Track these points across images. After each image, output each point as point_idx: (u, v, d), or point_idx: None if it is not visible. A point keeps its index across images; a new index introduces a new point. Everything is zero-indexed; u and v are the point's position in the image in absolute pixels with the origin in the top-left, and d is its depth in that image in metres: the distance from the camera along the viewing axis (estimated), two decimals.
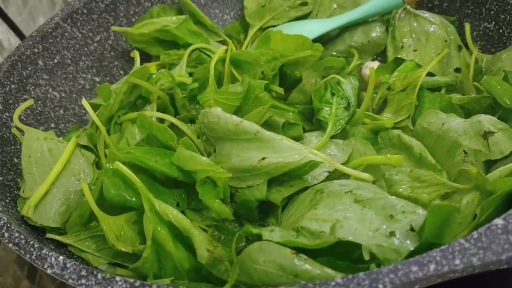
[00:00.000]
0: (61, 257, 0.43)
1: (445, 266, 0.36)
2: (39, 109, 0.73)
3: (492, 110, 0.61)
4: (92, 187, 0.58)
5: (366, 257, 0.42)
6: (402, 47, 0.74)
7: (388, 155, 0.53)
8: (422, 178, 0.56)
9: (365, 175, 0.52)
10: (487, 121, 0.54)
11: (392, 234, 0.42)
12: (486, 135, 0.54)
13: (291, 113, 0.69)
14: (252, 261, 0.42)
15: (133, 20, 0.86)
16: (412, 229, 0.42)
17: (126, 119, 0.64)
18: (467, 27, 0.74)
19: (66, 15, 0.77)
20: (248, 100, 0.64)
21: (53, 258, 0.43)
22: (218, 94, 0.64)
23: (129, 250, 0.51)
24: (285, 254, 0.41)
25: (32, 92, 0.72)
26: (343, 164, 0.57)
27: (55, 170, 0.57)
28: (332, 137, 0.63)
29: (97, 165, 0.63)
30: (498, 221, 0.38)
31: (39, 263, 0.43)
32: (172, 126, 0.64)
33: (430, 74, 0.69)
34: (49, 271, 0.42)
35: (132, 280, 0.39)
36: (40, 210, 0.55)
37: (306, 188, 0.55)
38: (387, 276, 0.36)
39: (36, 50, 0.73)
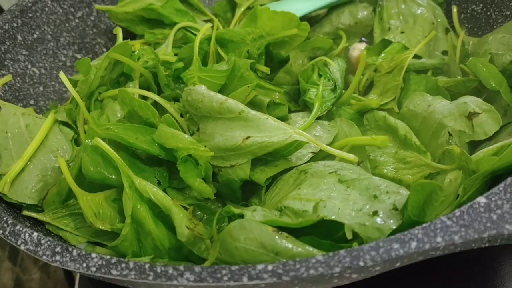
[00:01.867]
0: (35, 233, 0.42)
1: (426, 243, 0.36)
2: (18, 85, 0.71)
3: (478, 93, 0.60)
4: (71, 164, 0.56)
5: (349, 236, 0.41)
6: (389, 29, 0.73)
7: (374, 136, 0.53)
8: (407, 160, 0.56)
9: (350, 156, 0.52)
10: (472, 102, 0.54)
11: (375, 213, 0.42)
12: (471, 116, 0.53)
13: (277, 93, 0.68)
14: (233, 238, 0.41)
15: None
16: (395, 209, 0.42)
17: (107, 95, 0.62)
18: (455, 9, 0.73)
19: None
20: (233, 79, 0.62)
21: (27, 234, 0.42)
22: (202, 71, 0.63)
23: (107, 228, 0.49)
24: (266, 231, 0.40)
25: (11, 68, 0.70)
26: (328, 145, 0.56)
27: (32, 146, 0.55)
28: (318, 118, 0.62)
29: (76, 142, 0.61)
30: (481, 199, 0.38)
31: (12, 239, 0.42)
32: (155, 105, 0.62)
33: (417, 56, 0.69)
34: (22, 247, 0.41)
35: (108, 257, 0.38)
36: (16, 187, 0.54)
37: (291, 168, 0.55)
38: (368, 253, 0.35)
39: (15, 24, 0.71)
